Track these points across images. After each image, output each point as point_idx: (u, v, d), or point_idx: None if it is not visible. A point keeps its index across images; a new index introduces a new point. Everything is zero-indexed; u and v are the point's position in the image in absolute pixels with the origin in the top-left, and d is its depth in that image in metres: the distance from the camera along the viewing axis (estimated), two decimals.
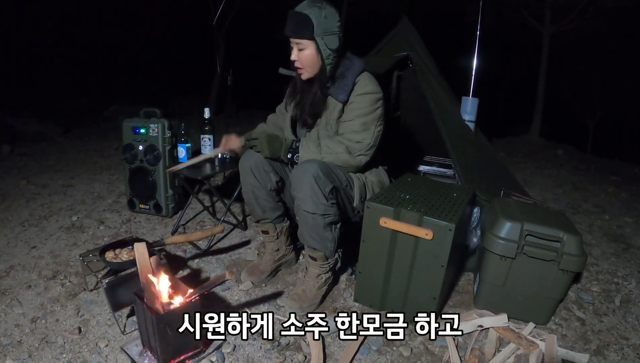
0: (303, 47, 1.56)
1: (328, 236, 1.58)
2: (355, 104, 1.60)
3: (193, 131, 3.43)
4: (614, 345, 1.56)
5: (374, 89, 1.62)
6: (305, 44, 1.55)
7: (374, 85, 1.63)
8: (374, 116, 1.61)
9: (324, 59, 1.57)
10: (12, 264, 1.95)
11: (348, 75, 1.61)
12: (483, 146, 2.50)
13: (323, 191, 1.48)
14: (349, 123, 1.61)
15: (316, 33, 1.52)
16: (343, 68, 1.63)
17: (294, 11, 1.53)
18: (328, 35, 1.54)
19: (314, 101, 1.65)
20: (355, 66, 1.63)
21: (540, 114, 6.81)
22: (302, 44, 1.55)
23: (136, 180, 2.49)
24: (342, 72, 1.62)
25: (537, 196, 3.36)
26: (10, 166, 3.72)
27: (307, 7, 1.51)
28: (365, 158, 1.63)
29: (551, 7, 6.29)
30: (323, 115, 1.67)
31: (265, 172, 1.66)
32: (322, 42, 1.54)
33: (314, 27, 1.50)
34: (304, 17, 1.50)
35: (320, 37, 1.53)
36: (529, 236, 1.56)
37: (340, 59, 1.63)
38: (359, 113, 1.60)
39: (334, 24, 1.54)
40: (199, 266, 1.98)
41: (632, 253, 2.45)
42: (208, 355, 1.36)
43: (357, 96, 1.60)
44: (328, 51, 1.56)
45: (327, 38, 1.54)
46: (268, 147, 1.63)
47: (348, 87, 1.60)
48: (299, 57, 1.59)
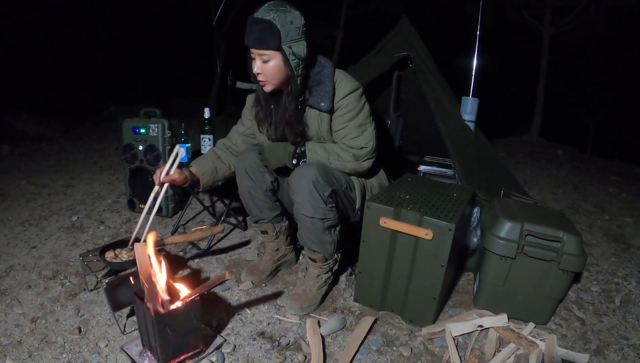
0: (268, 58, 1.40)
1: (327, 239, 1.58)
2: (342, 109, 1.51)
3: (193, 131, 3.43)
4: (614, 345, 1.56)
5: (353, 86, 1.52)
6: (271, 55, 1.39)
7: (352, 81, 1.53)
8: (364, 113, 1.55)
9: (293, 70, 1.42)
10: (12, 264, 1.95)
11: (324, 79, 1.49)
12: (483, 146, 2.50)
13: (322, 196, 1.46)
14: (344, 131, 1.54)
15: (283, 42, 1.36)
16: (314, 72, 1.51)
17: (256, 17, 1.36)
18: (295, 42, 1.39)
19: (290, 118, 1.53)
20: (326, 67, 1.52)
21: (540, 114, 6.81)
22: (266, 55, 1.39)
23: (136, 180, 2.49)
24: (315, 78, 1.50)
25: (537, 196, 3.36)
26: (10, 166, 3.72)
27: (270, 12, 1.35)
28: (371, 161, 1.60)
29: (551, 7, 6.29)
30: (310, 128, 1.57)
31: (260, 173, 1.63)
32: (290, 51, 1.39)
33: (280, 35, 1.35)
34: (268, 24, 1.33)
35: (288, 45, 1.38)
36: (529, 236, 1.56)
37: (311, 67, 1.51)
38: (350, 117, 1.52)
39: (300, 28, 1.39)
40: (199, 266, 1.98)
41: (632, 253, 2.45)
42: (208, 355, 1.36)
43: (342, 99, 1.50)
44: (297, 60, 1.41)
45: (295, 46, 1.39)
46: (270, 157, 1.58)
47: (329, 92, 1.48)
48: (262, 70, 1.43)
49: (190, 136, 2.27)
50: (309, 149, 1.57)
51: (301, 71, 1.46)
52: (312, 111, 1.54)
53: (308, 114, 1.56)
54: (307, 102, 1.52)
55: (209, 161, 1.71)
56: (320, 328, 1.51)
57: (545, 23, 6.46)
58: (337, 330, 1.53)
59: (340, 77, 1.53)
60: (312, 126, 1.57)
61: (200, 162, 1.71)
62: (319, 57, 1.55)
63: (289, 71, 1.44)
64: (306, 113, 1.56)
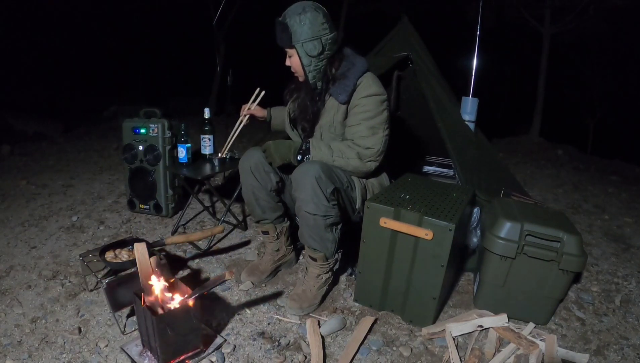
0: (290, 54, 1.61)
1: (329, 237, 1.58)
2: (360, 107, 1.58)
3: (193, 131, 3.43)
4: (614, 345, 1.56)
5: (378, 91, 1.59)
6: (290, 52, 1.61)
7: (378, 86, 1.61)
8: (380, 118, 1.59)
9: (304, 67, 1.60)
10: (12, 264, 1.95)
11: (349, 75, 1.59)
12: (483, 146, 2.49)
13: (324, 193, 1.47)
14: (356, 128, 1.59)
15: (294, 41, 1.54)
16: (344, 68, 1.61)
17: (277, 20, 1.57)
18: (308, 42, 1.54)
19: (304, 107, 1.69)
20: (357, 66, 1.61)
21: (540, 114, 6.81)
22: (288, 51, 1.61)
23: (136, 180, 2.49)
24: (343, 73, 1.61)
25: (537, 196, 3.36)
26: (10, 166, 3.72)
27: (287, 16, 1.54)
28: (375, 164, 1.62)
29: (551, 7, 6.29)
30: (326, 116, 1.65)
31: (266, 172, 1.66)
32: (302, 50, 1.56)
33: (292, 35, 1.53)
34: (283, 26, 1.54)
35: (300, 44, 1.54)
36: (529, 236, 1.56)
37: (338, 58, 1.63)
38: (365, 116, 1.57)
39: (315, 29, 1.53)
40: (199, 266, 1.98)
41: (632, 253, 2.45)
42: (208, 355, 1.36)
43: (362, 98, 1.57)
44: (308, 58, 1.57)
45: (307, 45, 1.54)
46: (275, 153, 1.60)
47: (349, 87, 1.58)
48: (290, 63, 1.64)
49: (190, 136, 2.27)
50: (313, 146, 1.59)
51: (314, 66, 1.60)
52: (331, 100, 1.64)
53: (329, 102, 1.66)
54: (329, 91, 1.64)
55: (284, 111, 1.89)
56: (320, 328, 1.51)
57: (545, 23, 6.46)
58: (337, 330, 1.53)
59: (367, 78, 1.62)
60: (329, 112, 1.65)
61: (278, 108, 2.02)
62: (354, 56, 1.66)
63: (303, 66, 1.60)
64: (327, 100, 1.67)
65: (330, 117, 1.65)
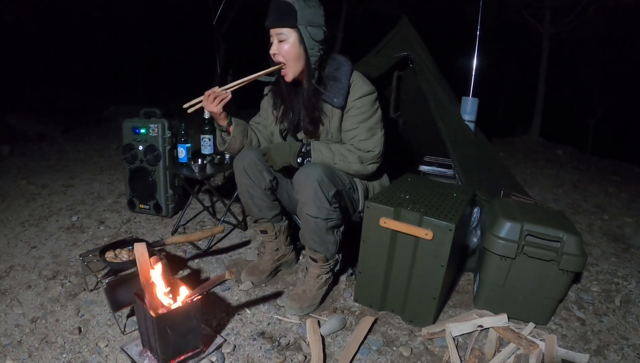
0: (284, 37, 1.46)
1: (330, 239, 1.58)
2: (355, 110, 1.54)
3: (193, 131, 3.43)
4: (614, 345, 1.56)
5: (369, 89, 1.56)
6: (287, 34, 1.46)
7: (368, 84, 1.57)
8: (376, 117, 1.58)
9: (307, 50, 1.47)
10: (12, 264, 1.95)
11: (340, 76, 1.53)
12: (483, 146, 2.50)
13: (327, 196, 1.46)
14: (354, 131, 1.56)
15: (299, 22, 1.43)
16: (331, 68, 1.55)
17: (277, 0, 1.45)
18: (312, 26, 1.45)
19: (308, 103, 1.55)
20: (344, 66, 1.55)
21: (540, 114, 6.80)
22: (283, 34, 1.46)
23: (136, 180, 2.50)
24: (332, 74, 1.54)
25: (537, 196, 3.36)
26: (10, 166, 3.72)
27: None
28: (376, 166, 1.61)
29: (551, 7, 6.28)
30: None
31: (259, 171, 1.63)
32: (306, 32, 1.45)
33: (297, 15, 1.42)
34: (287, 5, 1.42)
35: (305, 26, 1.44)
36: (529, 236, 1.56)
37: (326, 58, 1.55)
38: (361, 119, 1.55)
39: (319, 17, 1.47)
40: (199, 266, 1.98)
41: (632, 253, 2.45)
42: (208, 355, 1.36)
43: (356, 100, 1.54)
44: (313, 41, 1.47)
45: (312, 29, 1.45)
46: (275, 156, 1.57)
47: (344, 90, 1.52)
48: (279, 50, 1.48)
49: (190, 136, 2.27)
50: (314, 148, 1.56)
51: (316, 53, 1.49)
52: (326, 106, 1.57)
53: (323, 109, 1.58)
54: (322, 97, 1.55)
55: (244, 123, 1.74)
56: (320, 328, 1.51)
57: (545, 23, 6.46)
58: (337, 330, 1.53)
59: (357, 78, 1.56)
60: (324, 120, 1.59)
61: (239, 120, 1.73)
62: (336, 55, 1.59)
63: (303, 51, 1.48)
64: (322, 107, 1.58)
65: (326, 124, 1.60)
